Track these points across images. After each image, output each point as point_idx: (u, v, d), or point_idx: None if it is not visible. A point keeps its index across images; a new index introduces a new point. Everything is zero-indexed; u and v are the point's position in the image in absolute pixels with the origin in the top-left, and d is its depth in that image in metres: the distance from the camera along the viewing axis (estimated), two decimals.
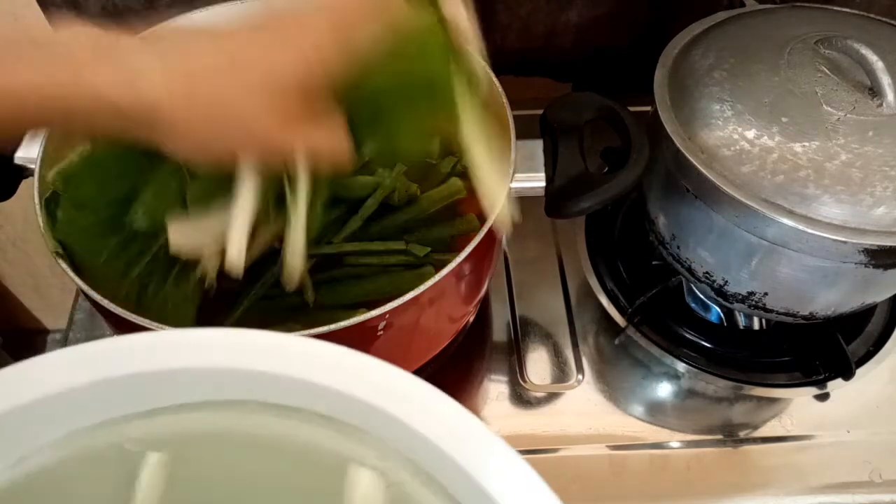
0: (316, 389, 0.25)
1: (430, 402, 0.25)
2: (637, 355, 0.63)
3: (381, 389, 0.25)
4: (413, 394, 0.25)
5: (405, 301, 0.42)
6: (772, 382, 0.61)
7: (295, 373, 0.25)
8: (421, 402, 0.25)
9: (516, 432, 0.57)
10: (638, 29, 0.74)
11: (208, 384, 0.26)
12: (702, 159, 0.51)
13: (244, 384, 0.26)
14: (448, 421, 0.24)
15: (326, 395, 0.25)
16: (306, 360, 0.25)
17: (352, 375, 0.25)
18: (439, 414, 0.24)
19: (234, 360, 0.25)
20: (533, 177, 0.50)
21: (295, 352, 0.25)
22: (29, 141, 0.50)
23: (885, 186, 0.47)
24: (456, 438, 0.24)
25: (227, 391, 0.26)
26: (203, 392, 0.26)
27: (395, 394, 0.25)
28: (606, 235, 0.70)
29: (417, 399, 0.25)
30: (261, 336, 0.26)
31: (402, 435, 0.25)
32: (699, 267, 0.58)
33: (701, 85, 0.53)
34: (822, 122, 0.49)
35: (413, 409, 0.24)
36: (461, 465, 0.23)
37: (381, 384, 0.25)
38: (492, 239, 0.49)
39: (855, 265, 0.49)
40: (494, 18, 0.71)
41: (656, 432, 0.58)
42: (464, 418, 0.24)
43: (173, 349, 0.25)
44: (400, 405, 0.25)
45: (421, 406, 0.25)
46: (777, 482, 0.55)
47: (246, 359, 0.25)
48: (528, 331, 0.64)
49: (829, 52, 0.52)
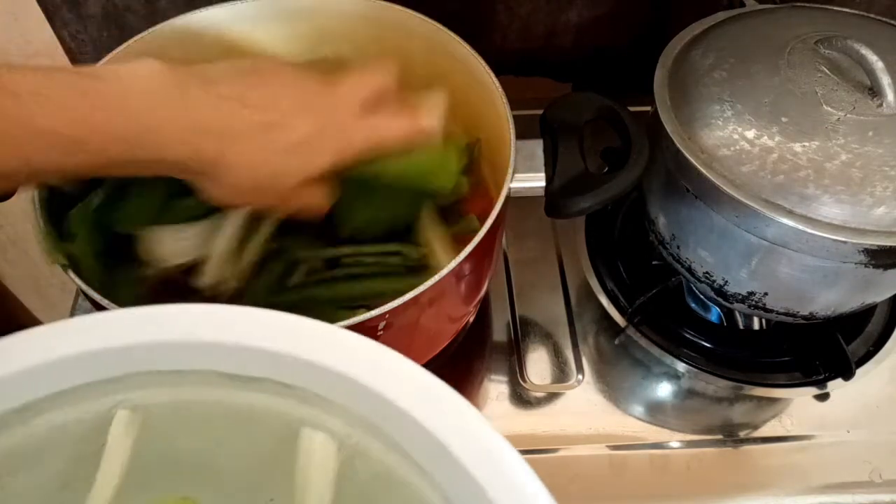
0: (277, 358, 0.26)
1: (385, 360, 0.26)
2: (637, 355, 0.63)
3: (341, 354, 0.26)
4: (365, 353, 0.26)
5: (405, 301, 0.42)
6: (772, 382, 0.61)
7: (256, 342, 0.26)
8: (371, 358, 0.26)
9: (516, 432, 0.57)
10: (638, 29, 0.74)
11: (175, 356, 0.27)
12: (702, 159, 0.51)
13: (208, 355, 0.27)
14: (406, 378, 0.25)
15: (288, 364, 0.26)
16: (269, 330, 0.26)
17: (313, 343, 0.26)
18: (395, 371, 0.25)
19: (200, 332, 0.26)
20: (533, 177, 0.50)
21: (257, 322, 0.27)
22: None
23: (885, 186, 0.47)
24: (412, 395, 0.25)
25: (192, 362, 0.27)
26: (169, 363, 0.27)
27: (353, 357, 0.26)
28: (606, 235, 0.70)
29: (366, 356, 0.26)
30: (224, 309, 0.27)
31: (358, 395, 0.26)
32: (699, 267, 0.58)
33: (701, 85, 0.53)
34: (822, 122, 0.49)
35: (365, 367, 0.26)
36: (422, 424, 0.24)
37: (337, 348, 0.26)
38: (492, 239, 0.49)
39: (855, 265, 0.49)
40: (494, 18, 0.71)
41: (656, 432, 0.58)
42: (419, 373, 0.25)
43: (140, 323, 0.27)
44: (351, 364, 0.26)
45: (374, 364, 0.26)
46: (777, 482, 0.55)
47: (210, 331, 0.26)
48: (528, 331, 0.64)
49: (829, 52, 0.52)
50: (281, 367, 0.26)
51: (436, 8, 0.57)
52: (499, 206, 0.47)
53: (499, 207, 0.47)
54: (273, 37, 0.60)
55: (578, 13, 0.72)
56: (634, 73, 0.61)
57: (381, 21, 0.58)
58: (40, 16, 0.69)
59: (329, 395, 0.26)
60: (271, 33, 0.60)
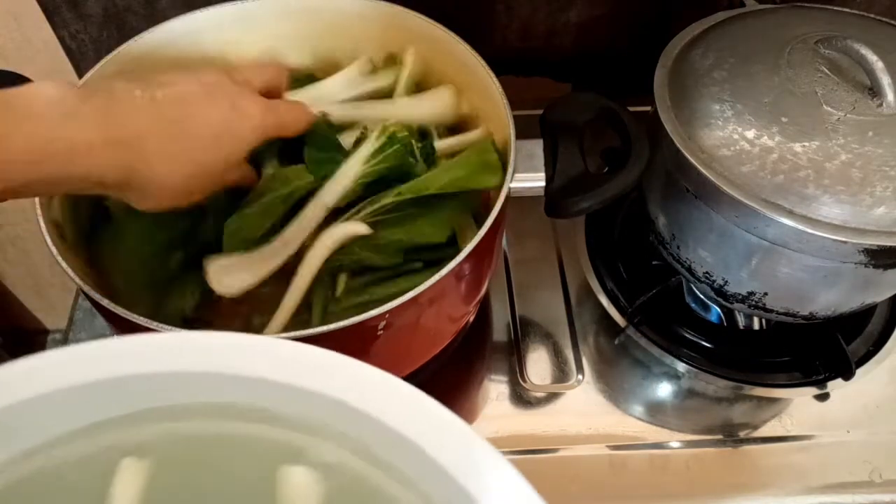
0: (263, 385, 0.26)
1: (367, 377, 0.25)
2: (637, 355, 0.63)
3: (318, 375, 0.25)
4: (344, 371, 0.25)
5: (405, 301, 0.42)
6: (772, 382, 0.61)
7: (243, 371, 0.25)
8: (351, 375, 0.25)
9: (516, 432, 0.57)
10: (638, 29, 0.74)
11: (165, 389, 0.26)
12: (702, 159, 0.51)
13: (203, 385, 0.26)
14: (392, 394, 0.25)
15: (277, 391, 0.26)
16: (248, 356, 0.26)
17: (289, 366, 0.25)
18: (379, 387, 0.25)
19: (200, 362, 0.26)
20: (533, 177, 0.50)
21: (236, 348, 0.26)
22: None
23: (885, 186, 0.47)
24: (400, 412, 0.24)
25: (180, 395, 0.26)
26: (162, 397, 0.26)
27: (333, 377, 0.25)
28: (606, 235, 0.70)
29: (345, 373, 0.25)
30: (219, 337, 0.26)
31: (345, 416, 0.25)
32: (699, 267, 0.58)
33: (701, 85, 0.53)
34: (822, 122, 0.49)
35: (344, 384, 0.25)
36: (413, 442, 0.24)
37: (313, 368, 0.25)
38: (492, 239, 0.49)
39: (855, 265, 0.49)
40: (494, 18, 0.71)
41: (656, 432, 0.58)
42: (404, 388, 0.25)
43: (118, 356, 0.25)
44: (329, 383, 0.25)
45: (356, 381, 0.25)
46: (777, 482, 0.55)
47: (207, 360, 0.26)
48: (528, 331, 0.64)
49: (829, 52, 0.52)
50: (257, 392, 0.26)
51: (436, 8, 0.57)
52: (499, 206, 0.47)
53: (499, 207, 0.47)
54: (273, 37, 0.60)
55: (578, 13, 0.72)
56: (634, 73, 0.61)
57: (381, 21, 0.58)
58: (40, 16, 0.69)
59: (313, 419, 0.26)
60: (271, 33, 0.60)
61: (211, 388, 0.26)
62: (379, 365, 0.25)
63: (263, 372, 0.25)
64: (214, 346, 0.26)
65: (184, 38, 0.57)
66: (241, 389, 0.26)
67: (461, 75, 0.57)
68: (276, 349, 0.25)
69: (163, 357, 0.25)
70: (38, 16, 0.69)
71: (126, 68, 0.54)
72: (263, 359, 0.25)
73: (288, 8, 0.59)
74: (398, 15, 0.57)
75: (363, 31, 0.59)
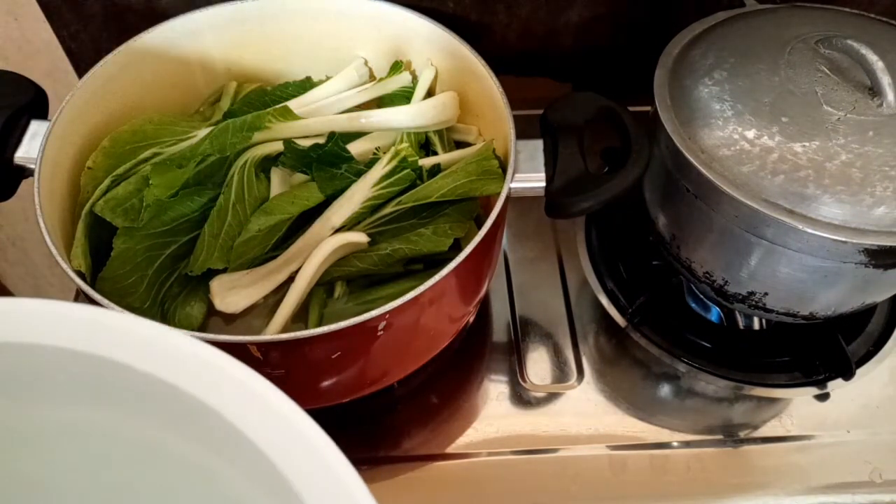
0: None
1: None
2: (637, 355, 0.63)
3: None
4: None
5: (405, 301, 0.42)
6: (772, 382, 0.61)
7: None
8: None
9: (516, 432, 0.57)
10: (638, 29, 0.74)
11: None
12: (702, 159, 0.51)
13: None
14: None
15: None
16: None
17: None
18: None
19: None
20: (533, 177, 0.50)
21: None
22: (29, 141, 0.50)
23: (885, 186, 0.47)
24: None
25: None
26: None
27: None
28: (606, 235, 0.70)
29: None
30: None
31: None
32: (699, 267, 0.58)
33: (701, 85, 0.53)
34: (822, 122, 0.49)
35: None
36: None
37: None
38: (492, 239, 0.49)
39: (855, 265, 0.49)
40: (494, 18, 0.71)
41: (656, 432, 0.58)
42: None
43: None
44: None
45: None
46: (777, 482, 0.55)
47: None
48: (528, 331, 0.64)
49: (829, 52, 0.52)
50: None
51: (436, 8, 0.57)
52: (499, 206, 0.47)
53: (499, 207, 0.47)
54: (273, 37, 0.60)
55: (578, 13, 0.72)
56: (634, 73, 0.61)
57: (381, 21, 0.58)
58: (40, 16, 0.69)
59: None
60: (271, 33, 0.60)
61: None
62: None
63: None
64: None
65: (184, 38, 0.57)
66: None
67: (461, 75, 0.57)
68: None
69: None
70: (38, 16, 0.69)
71: (126, 68, 0.54)
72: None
73: (288, 8, 0.59)
74: (398, 15, 0.57)
75: (364, 30, 0.59)
